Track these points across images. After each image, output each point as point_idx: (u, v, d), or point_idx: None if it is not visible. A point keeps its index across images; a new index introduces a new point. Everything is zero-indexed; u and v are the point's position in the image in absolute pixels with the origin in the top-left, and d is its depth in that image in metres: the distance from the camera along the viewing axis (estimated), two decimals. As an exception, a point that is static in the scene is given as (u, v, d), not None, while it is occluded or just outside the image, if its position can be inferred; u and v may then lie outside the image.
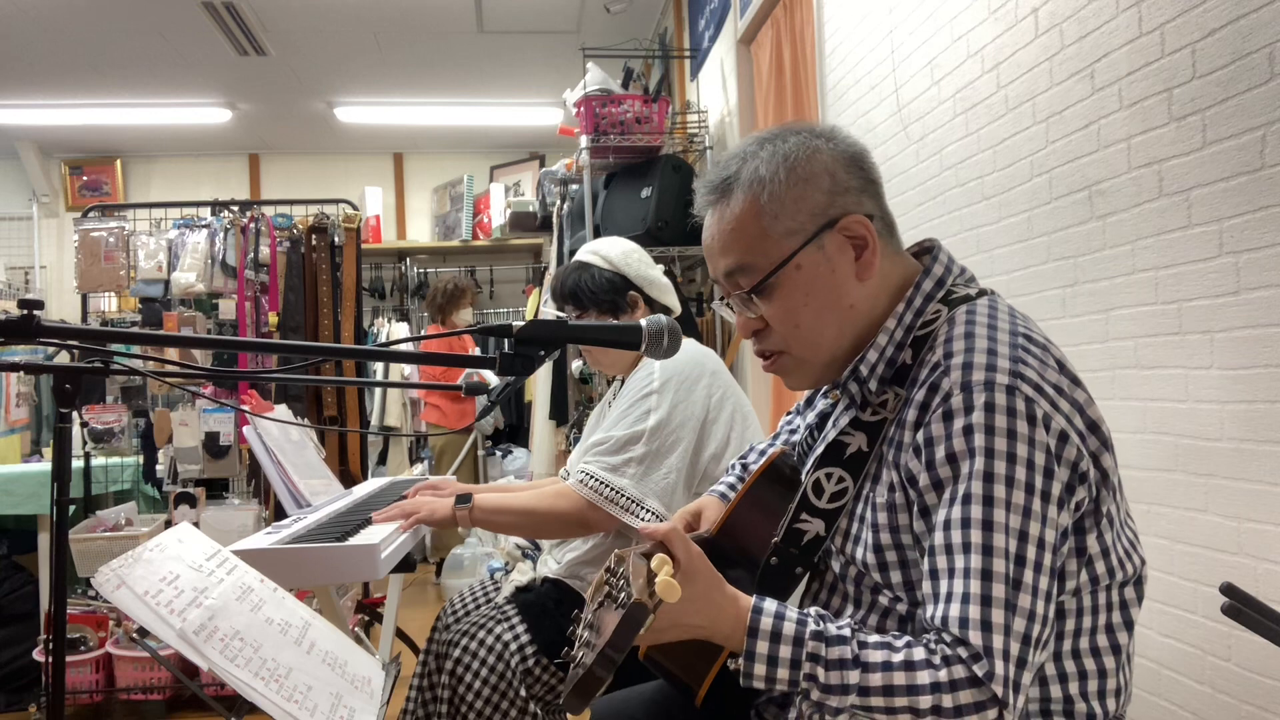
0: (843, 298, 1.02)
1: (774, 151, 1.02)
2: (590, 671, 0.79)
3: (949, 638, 0.86)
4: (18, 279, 6.38)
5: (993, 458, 0.87)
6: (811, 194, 1.00)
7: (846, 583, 1.05)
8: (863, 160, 1.04)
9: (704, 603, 0.90)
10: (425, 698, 1.77)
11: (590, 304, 1.86)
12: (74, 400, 1.08)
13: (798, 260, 1.00)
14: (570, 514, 1.73)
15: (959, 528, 0.87)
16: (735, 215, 1.02)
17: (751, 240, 1.01)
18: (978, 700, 0.83)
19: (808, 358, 1.05)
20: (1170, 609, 1.48)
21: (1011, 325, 0.97)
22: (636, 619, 0.79)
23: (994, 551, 0.86)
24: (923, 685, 0.84)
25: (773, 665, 0.88)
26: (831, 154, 1.02)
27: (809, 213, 1.00)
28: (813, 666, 0.87)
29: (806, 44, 2.93)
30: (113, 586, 1.01)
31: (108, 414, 3.35)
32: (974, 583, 0.85)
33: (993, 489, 0.87)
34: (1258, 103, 1.26)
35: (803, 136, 1.03)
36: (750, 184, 1.01)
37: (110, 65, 5.07)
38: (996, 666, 0.83)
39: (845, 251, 1.01)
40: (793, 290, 1.01)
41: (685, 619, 0.89)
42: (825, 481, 1.04)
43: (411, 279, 6.57)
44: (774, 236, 1.00)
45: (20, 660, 3.19)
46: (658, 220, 3.50)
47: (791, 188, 1.00)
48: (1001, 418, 0.88)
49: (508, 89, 5.67)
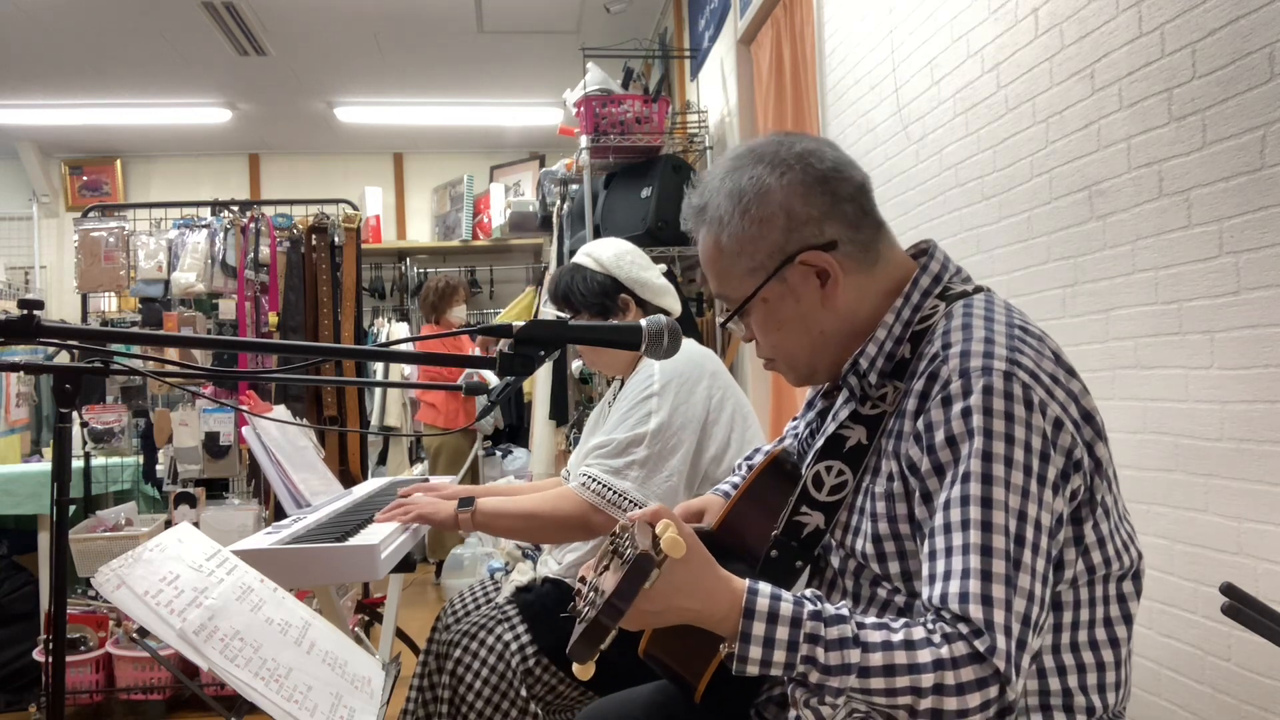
0: (811, 326, 1.05)
1: (732, 190, 1.03)
2: (596, 620, 0.79)
3: (948, 614, 0.85)
4: (18, 279, 6.38)
5: (991, 438, 0.88)
6: (767, 233, 1.02)
7: (846, 577, 1.06)
8: (828, 181, 1.02)
9: (697, 584, 0.87)
10: (425, 698, 1.77)
11: (581, 306, 1.87)
12: (74, 400, 1.07)
13: (763, 294, 1.04)
14: (573, 517, 1.73)
15: (958, 505, 0.88)
16: (705, 249, 1.07)
17: (721, 273, 1.06)
18: (980, 676, 0.82)
19: (791, 369, 1.11)
20: (1170, 609, 1.48)
21: (1008, 317, 0.99)
22: (643, 569, 0.79)
23: (993, 528, 0.86)
24: (924, 663, 0.83)
25: (769, 648, 0.86)
26: (787, 188, 1.01)
27: (766, 252, 1.02)
28: (811, 648, 0.85)
29: (806, 44, 2.93)
30: (113, 586, 1.01)
31: (108, 414, 3.35)
32: (974, 558, 0.85)
33: (991, 468, 0.88)
34: (1258, 103, 1.26)
35: (759, 171, 1.02)
36: (713, 223, 1.05)
37: (110, 65, 5.07)
38: (998, 641, 0.83)
39: (809, 281, 1.03)
40: (766, 319, 1.07)
41: (677, 601, 0.86)
42: (825, 474, 1.04)
43: (411, 279, 6.57)
44: (736, 275, 1.05)
45: (20, 660, 3.19)
46: (658, 220, 3.50)
47: (746, 229, 1.02)
48: (999, 401, 0.89)
49: (508, 89, 5.67)
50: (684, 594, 0.87)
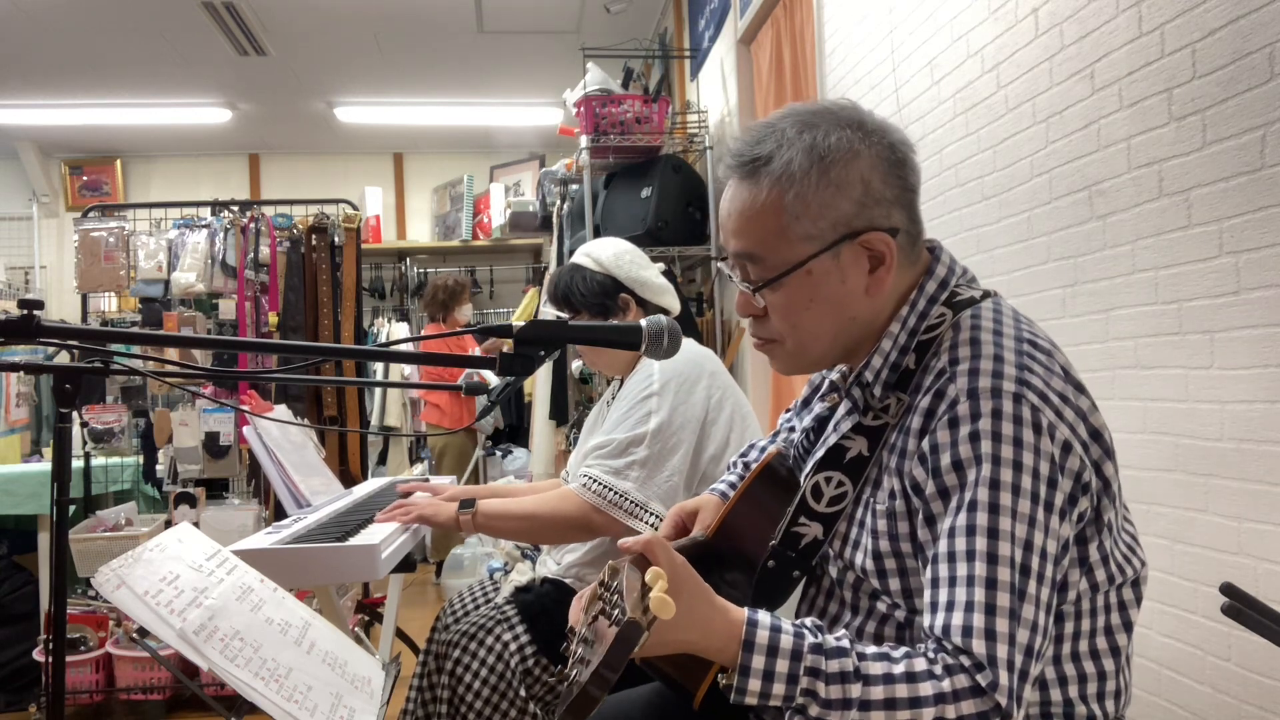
0: (846, 309, 1.00)
1: (812, 146, 0.95)
2: (585, 691, 0.78)
3: (950, 646, 0.84)
4: (18, 279, 6.38)
5: (999, 465, 0.86)
6: (839, 202, 0.95)
7: (844, 589, 1.05)
8: (905, 165, 0.99)
9: (692, 618, 0.86)
10: (425, 698, 1.77)
11: (581, 306, 1.87)
12: (74, 400, 1.07)
13: (810, 266, 0.97)
14: (574, 518, 1.72)
15: (964, 535, 0.86)
16: (757, 203, 0.97)
17: (768, 234, 0.98)
18: (980, 711, 0.81)
19: (797, 354, 1.04)
20: (1170, 609, 1.48)
21: (1017, 331, 0.96)
22: (630, 638, 0.77)
23: (999, 560, 0.84)
24: (925, 697, 0.82)
25: (769, 681, 0.84)
26: (872, 158, 0.96)
27: (832, 221, 0.96)
28: (812, 681, 0.84)
29: (806, 44, 2.93)
30: (113, 586, 1.01)
31: (108, 414, 3.35)
32: (978, 590, 0.84)
33: (998, 496, 0.86)
34: (1258, 103, 1.26)
35: (847, 134, 0.96)
36: (780, 178, 0.96)
37: (110, 65, 5.07)
38: (1000, 676, 0.81)
39: (860, 264, 0.98)
40: (799, 292, 0.99)
41: (672, 635, 0.85)
42: (825, 485, 1.02)
43: (411, 279, 6.57)
44: (790, 238, 0.97)
45: (20, 660, 3.19)
46: (658, 220, 3.50)
47: (820, 191, 0.95)
48: (1008, 425, 0.87)
49: (508, 89, 5.67)
50: (677, 629, 0.85)
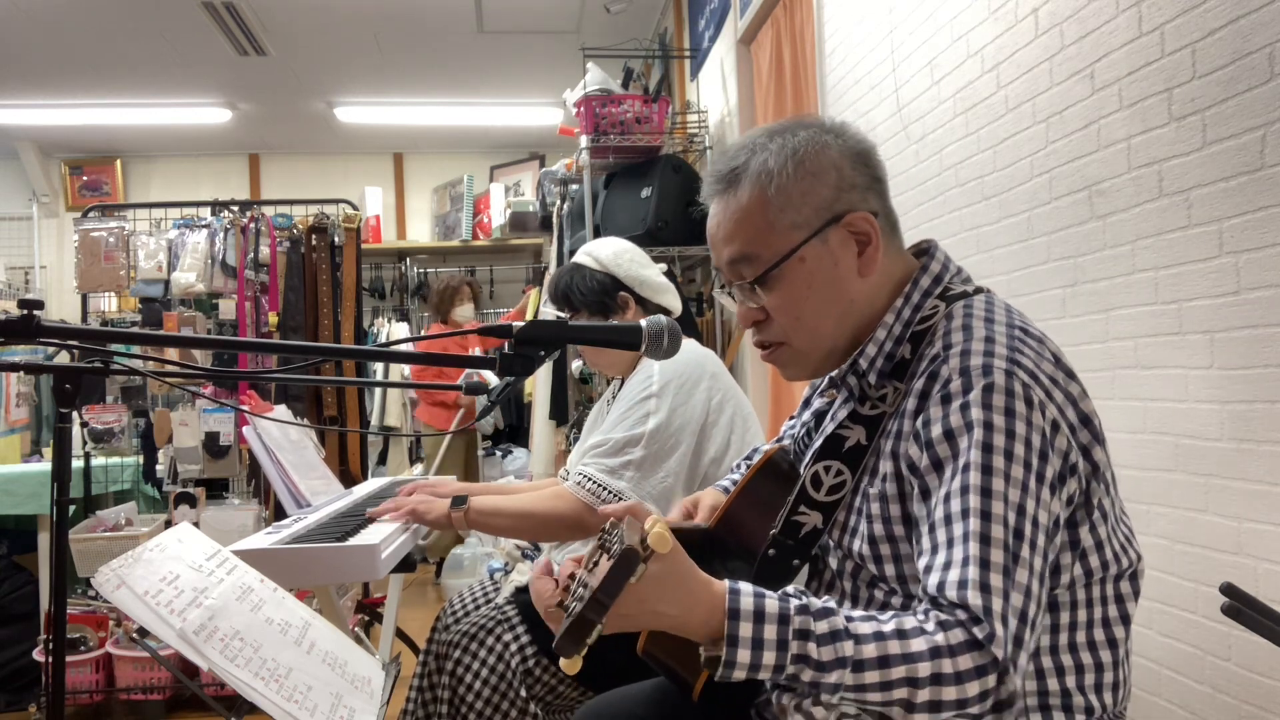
0: (844, 292, 1.03)
1: (783, 145, 1.03)
2: (581, 615, 0.78)
3: (945, 602, 0.84)
4: (18, 279, 6.38)
5: (991, 431, 0.88)
6: (818, 189, 1.02)
7: (844, 578, 1.06)
8: (869, 157, 1.06)
9: (675, 587, 0.84)
10: (425, 698, 1.77)
11: (581, 305, 1.87)
12: (74, 400, 1.07)
13: (802, 253, 1.02)
14: (568, 516, 1.72)
15: (957, 496, 0.87)
16: (742, 206, 1.04)
17: (757, 231, 1.03)
18: (978, 664, 0.81)
19: (806, 349, 1.07)
20: (1170, 609, 1.48)
21: (1008, 318, 0.99)
22: (628, 563, 0.78)
23: (992, 518, 0.85)
24: (919, 651, 0.81)
25: (758, 649, 0.82)
26: (839, 150, 1.03)
27: (814, 207, 1.02)
28: (803, 644, 0.82)
29: (806, 44, 2.93)
30: (113, 586, 1.01)
31: (108, 414, 3.35)
32: (972, 545, 0.84)
33: (991, 459, 0.87)
34: (1258, 103, 1.26)
35: (812, 131, 1.04)
36: (758, 176, 1.02)
37: (110, 65, 5.07)
38: (997, 628, 0.81)
39: (848, 247, 1.03)
40: (795, 282, 1.03)
41: (655, 604, 0.83)
42: (824, 474, 1.04)
43: (411, 279, 6.57)
44: (779, 229, 1.02)
45: (20, 660, 3.19)
46: (658, 220, 3.50)
47: (799, 181, 1.01)
48: (1000, 397, 0.89)
49: (508, 89, 5.67)
50: (660, 598, 0.83)
